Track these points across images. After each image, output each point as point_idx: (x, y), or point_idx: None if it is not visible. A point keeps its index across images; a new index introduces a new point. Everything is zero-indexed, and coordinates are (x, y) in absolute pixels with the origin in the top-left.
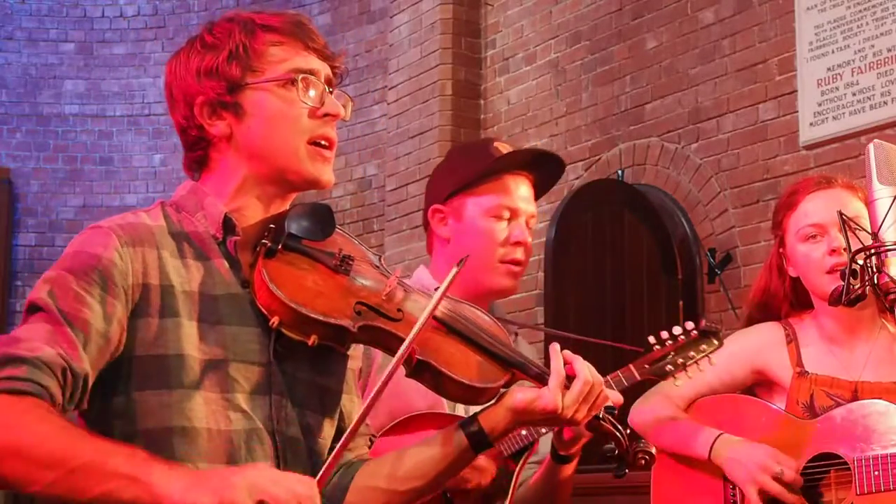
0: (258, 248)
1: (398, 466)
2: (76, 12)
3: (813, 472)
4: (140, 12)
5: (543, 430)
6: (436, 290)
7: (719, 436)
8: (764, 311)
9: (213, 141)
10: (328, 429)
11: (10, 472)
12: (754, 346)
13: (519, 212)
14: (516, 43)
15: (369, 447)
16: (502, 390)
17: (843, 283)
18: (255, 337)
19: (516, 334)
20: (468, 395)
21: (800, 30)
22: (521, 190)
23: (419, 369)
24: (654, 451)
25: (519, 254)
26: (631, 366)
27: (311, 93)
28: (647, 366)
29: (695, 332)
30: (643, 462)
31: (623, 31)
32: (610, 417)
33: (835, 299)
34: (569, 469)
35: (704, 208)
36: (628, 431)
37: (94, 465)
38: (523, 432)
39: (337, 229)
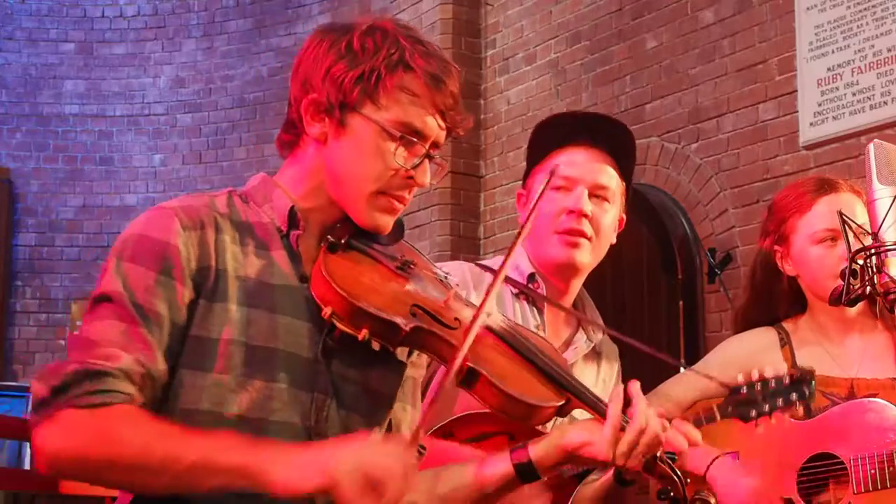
0: (321, 244)
1: (439, 484)
2: (76, 12)
3: (810, 473)
4: (140, 12)
5: None
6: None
7: (716, 458)
8: (764, 310)
9: (307, 132)
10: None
11: (120, 480)
12: (748, 351)
13: (574, 180)
14: (516, 43)
15: (418, 457)
16: (558, 419)
17: (843, 283)
18: (306, 331)
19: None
20: (517, 410)
21: (800, 30)
22: (575, 157)
23: (469, 378)
24: (713, 501)
25: (573, 223)
26: (713, 405)
27: (410, 156)
28: (730, 407)
29: (788, 378)
30: None
31: (623, 31)
32: (669, 461)
33: (835, 299)
34: (631, 491)
35: (704, 208)
36: (688, 480)
37: (203, 462)
38: None
39: (405, 241)
